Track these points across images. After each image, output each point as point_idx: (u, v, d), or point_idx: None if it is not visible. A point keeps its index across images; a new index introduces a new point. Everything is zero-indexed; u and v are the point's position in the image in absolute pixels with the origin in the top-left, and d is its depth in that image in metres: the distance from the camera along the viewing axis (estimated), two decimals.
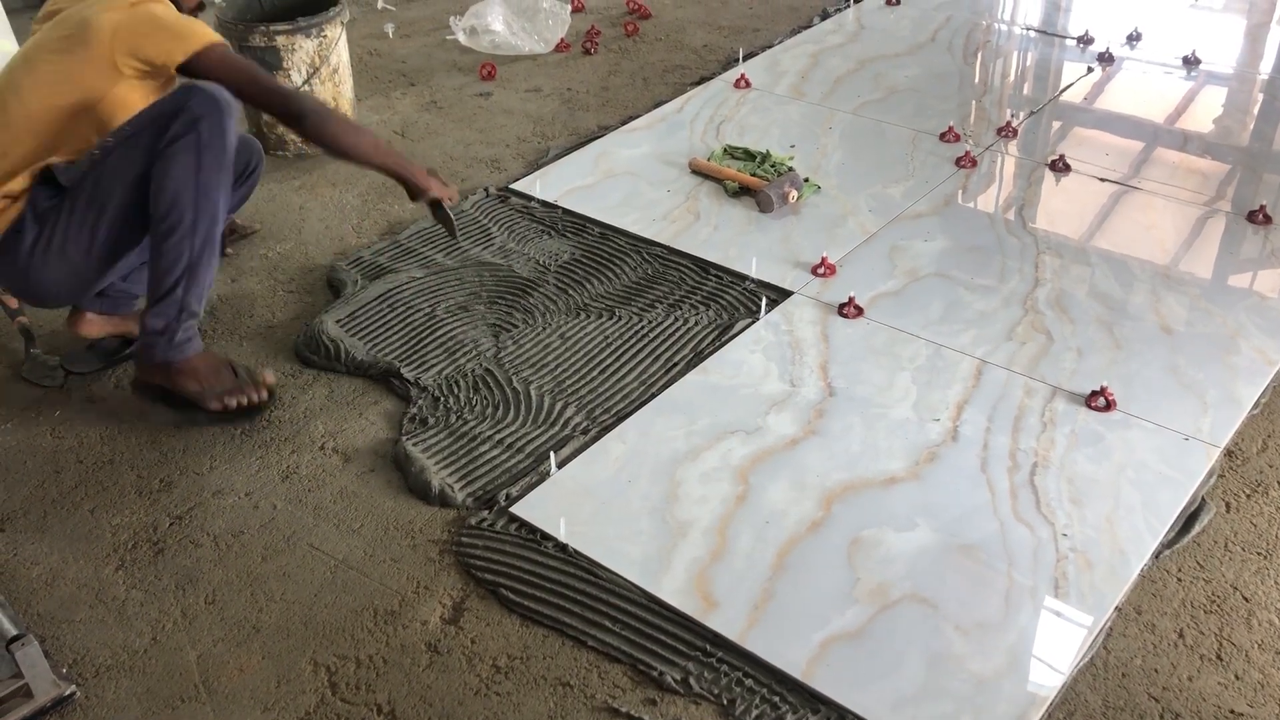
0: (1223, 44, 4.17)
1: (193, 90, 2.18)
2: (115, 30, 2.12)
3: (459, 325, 2.69)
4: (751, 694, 1.81)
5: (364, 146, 2.33)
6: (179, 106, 2.17)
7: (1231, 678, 1.84)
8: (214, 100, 2.17)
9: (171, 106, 2.18)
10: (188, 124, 2.16)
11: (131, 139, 2.17)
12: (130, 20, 2.13)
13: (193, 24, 2.19)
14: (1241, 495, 2.19)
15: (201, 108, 2.16)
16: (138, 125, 2.18)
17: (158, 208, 2.20)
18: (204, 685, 1.87)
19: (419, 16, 4.66)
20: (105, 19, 2.12)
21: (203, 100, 2.17)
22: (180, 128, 2.16)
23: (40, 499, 2.25)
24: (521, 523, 2.13)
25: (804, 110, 3.69)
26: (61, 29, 2.17)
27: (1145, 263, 2.86)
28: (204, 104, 2.17)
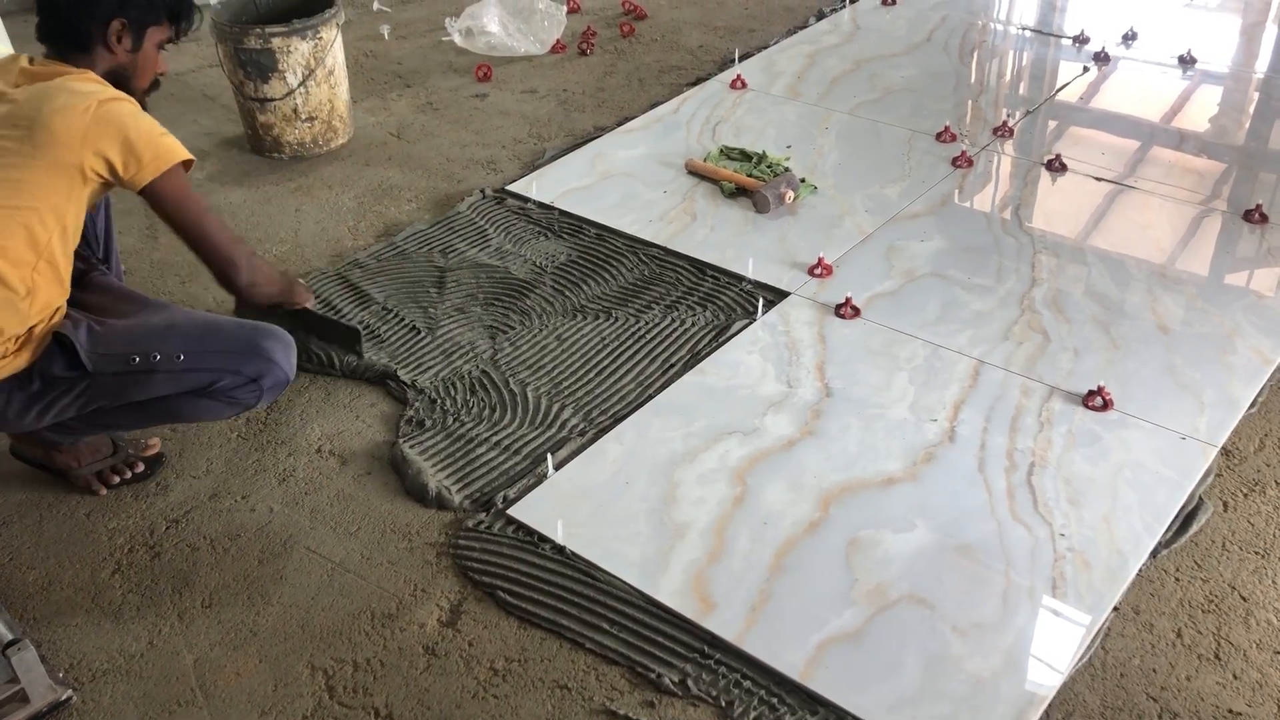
0: (1218, 43, 4.17)
1: (272, 365, 2.05)
2: (85, 133, 1.88)
3: (456, 327, 2.68)
4: (750, 695, 1.80)
5: (280, 287, 2.32)
6: (253, 373, 2.05)
7: (1230, 677, 1.84)
8: (284, 384, 2.10)
9: (243, 366, 2.04)
10: (253, 392, 2.07)
11: (184, 374, 2.02)
12: (99, 124, 1.89)
13: (164, 139, 1.98)
14: (1239, 494, 2.19)
15: (271, 391, 2.09)
16: (196, 362, 2.02)
17: (163, 413, 2.12)
18: (201, 689, 1.87)
19: (414, 18, 4.66)
20: (73, 122, 1.88)
21: (275, 384, 2.08)
22: (244, 394, 2.07)
23: (36, 503, 2.25)
24: (519, 525, 2.13)
25: (800, 111, 3.69)
26: (13, 133, 1.89)
27: (1142, 262, 2.86)
28: (274, 388, 2.09)
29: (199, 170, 3.49)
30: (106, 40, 2.01)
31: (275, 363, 2.07)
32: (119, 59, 2.04)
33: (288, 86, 3.37)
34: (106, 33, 2.00)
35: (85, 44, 2.01)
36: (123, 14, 2.00)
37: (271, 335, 2.09)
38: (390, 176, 3.43)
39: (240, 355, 2.05)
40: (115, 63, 2.04)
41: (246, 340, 2.07)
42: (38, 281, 1.94)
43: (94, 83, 1.97)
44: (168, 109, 3.80)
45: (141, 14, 2.03)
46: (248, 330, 2.09)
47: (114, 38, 2.01)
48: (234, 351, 2.05)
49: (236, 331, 2.09)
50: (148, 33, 2.05)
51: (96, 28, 1.99)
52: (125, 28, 2.02)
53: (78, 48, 2.01)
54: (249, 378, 2.05)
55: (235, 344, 2.06)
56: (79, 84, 1.94)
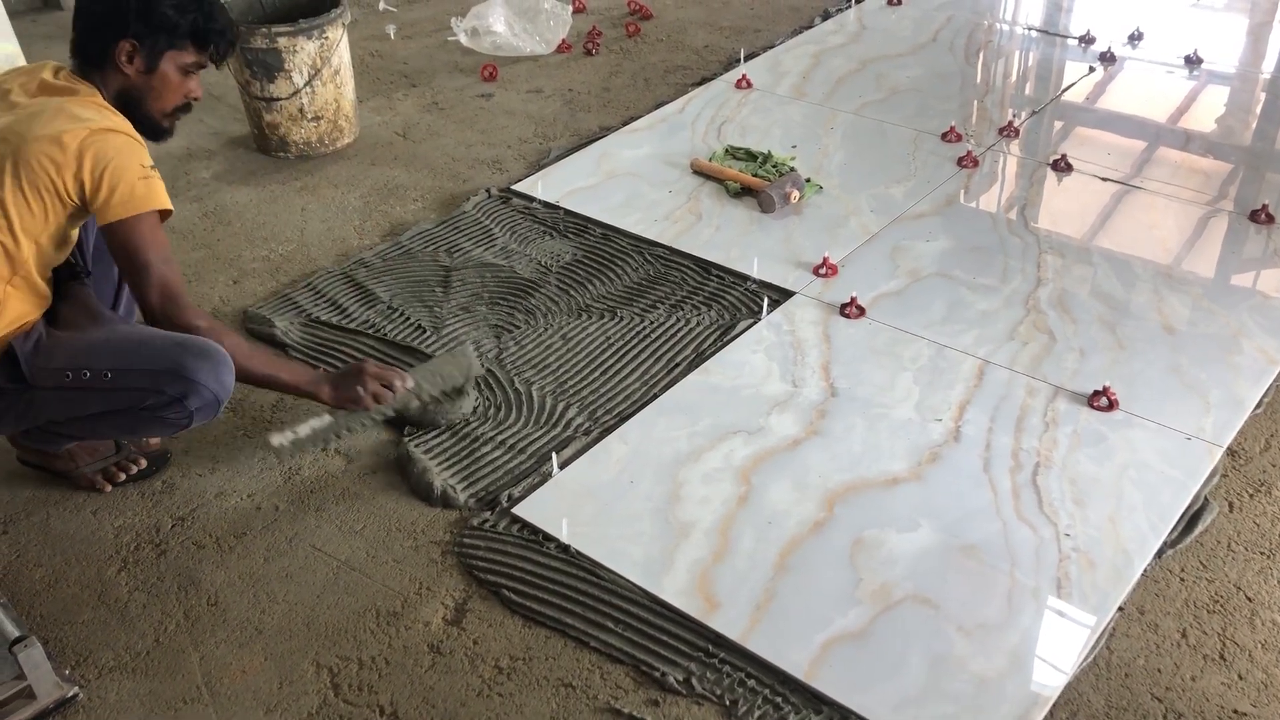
0: (1225, 43, 4.17)
1: (196, 386, 1.95)
2: (67, 161, 1.87)
3: (461, 326, 2.69)
4: (754, 695, 1.81)
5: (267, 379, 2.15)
6: (176, 393, 1.95)
7: (1235, 678, 1.83)
8: (214, 404, 1.99)
9: (167, 385, 1.95)
10: (180, 416, 1.99)
11: (113, 392, 1.97)
12: (83, 153, 1.87)
13: (143, 183, 1.93)
14: (1244, 495, 2.19)
15: (201, 412, 1.99)
16: (123, 380, 1.96)
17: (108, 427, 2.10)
18: (206, 686, 1.87)
19: (420, 18, 4.66)
20: (56, 149, 1.87)
21: (203, 404, 1.98)
22: (171, 414, 1.98)
23: (42, 500, 2.25)
24: (523, 524, 2.13)
25: (805, 110, 3.69)
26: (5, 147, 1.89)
27: (1147, 262, 2.86)
28: (203, 409, 1.99)
29: (205, 170, 3.50)
30: (117, 60, 1.99)
31: (198, 382, 1.95)
32: (131, 79, 2.02)
33: (294, 86, 3.38)
34: (117, 53, 1.98)
35: (100, 62, 2.00)
36: (131, 35, 1.98)
37: (200, 353, 1.97)
38: (396, 176, 3.43)
39: (163, 375, 1.96)
40: (127, 83, 2.02)
41: (172, 358, 1.96)
42: (10, 294, 1.94)
43: (95, 109, 1.95)
44: None
45: (154, 36, 1.99)
46: (176, 348, 1.97)
47: (123, 57, 1.99)
48: (157, 370, 1.96)
49: (165, 349, 1.98)
50: (165, 55, 2.02)
51: (108, 49, 1.98)
52: (136, 49, 1.99)
53: (94, 64, 2.00)
54: (173, 397, 1.96)
55: (160, 360, 1.96)
56: (79, 109, 1.93)
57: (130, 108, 2.03)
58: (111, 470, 2.27)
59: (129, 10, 1.97)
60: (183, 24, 2.01)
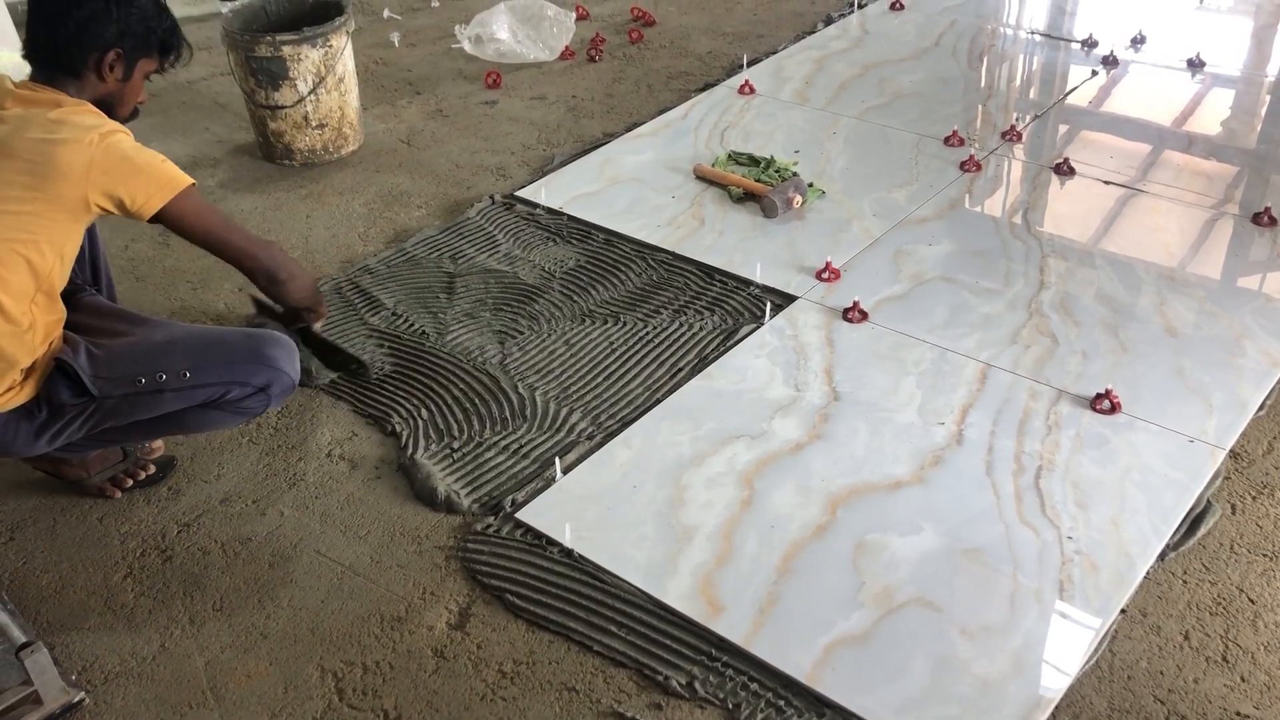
0: (1228, 46, 4.16)
1: (279, 373, 2.07)
2: (89, 168, 1.89)
3: (465, 332, 2.70)
4: (757, 698, 1.81)
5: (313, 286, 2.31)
6: (261, 383, 2.06)
7: (1238, 680, 1.83)
8: (291, 389, 2.11)
9: (250, 377, 2.05)
10: (260, 400, 2.08)
11: (193, 390, 2.03)
12: (104, 158, 1.90)
13: (165, 166, 1.98)
14: (1247, 497, 2.19)
15: (279, 397, 2.10)
16: (203, 377, 2.03)
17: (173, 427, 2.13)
18: (212, 692, 1.88)
19: (424, 25, 4.68)
20: (76, 156, 1.88)
21: (282, 390, 2.09)
22: (252, 403, 2.08)
23: (49, 507, 2.27)
24: (527, 528, 2.14)
25: (808, 116, 3.70)
26: (16, 162, 1.89)
27: (1151, 265, 2.86)
28: (282, 394, 2.10)
29: (211, 178, 3.51)
30: (100, 69, 1.99)
31: (281, 370, 2.07)
32: (108, 87, 2.02)
33: (298, 94, 3.39)
34: (101, 62, 1.98)
35: (77, 70, 1.99)
36: (120, 45, 2.00)
37: (275, 342, 2.09)
38: (400, 183, 3.45)
39: (246, 366, 2.05)
40: (104, 91, 2.02)
41: (251, 350, 2.07)
42: (36, 313, 1.95)
43: (92, 115, 1.96)
44: (180, 117, 3.83)
45: (136, 46, 2.02)
46: (251, 340, 2.09)
47: (107, 67, 2.00)
48: (240, 363, 2.05)
49: (240, 342, 2.08)
50: (139, 64, 2.05)
51: (92, 56, 1.98)
52: (120, 58, 2.00)
53: (68, 73, 1.99)
54: (257, 387, 2.06)
55: (240, 354, 2.06)
56: (78, 117, 1.93)
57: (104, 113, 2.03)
58: (119, 477, 2.28)
59: (116, 21, 1.98)
60: (155, 34, 2.05)
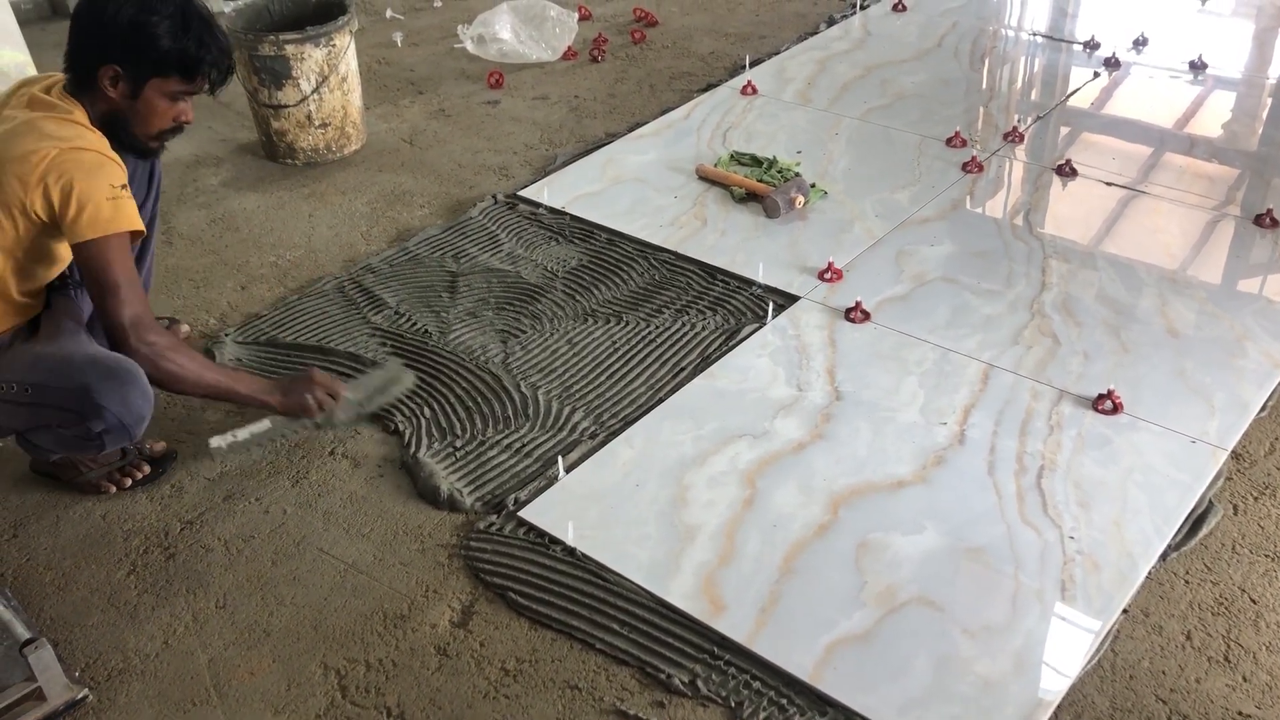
0: (1230, 48, 4.16)
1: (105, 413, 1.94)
2: (36, 178, 1.86)
3: (468, 331, 2.70)
4: (759, 696, 1.81)
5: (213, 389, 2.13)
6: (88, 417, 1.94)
7: (1239, 679, 1.84)
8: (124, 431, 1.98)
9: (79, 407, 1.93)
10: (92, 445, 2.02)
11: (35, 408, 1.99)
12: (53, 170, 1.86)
13: (111, 204, 1.91)
14: (1249, 498, 2.19)
15: (114, 436, 1.99)
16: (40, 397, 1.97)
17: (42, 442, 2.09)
18: (215, 688, 1.88)
19: (427, 25, 4.69)
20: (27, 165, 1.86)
21: (113, 433, 1.97)
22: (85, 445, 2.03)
23: (53, 504, 2.27)
24: (530, 527, 2.14)
25: (811, 116, 3.70)
26: None
27: (1152, 267, 2.86)
28: (114, 436, 1.98)
29: (214, 177, 3.52)
30: (100, 84, 1.98)
31: (103, 407, 1.92)
32: (116, 103, 2.00)
33: (301, 93, 3.40)
34: (100, 78, 1.97)
35: (86, 82, 1.99)
36: (114, 63, 1.96)
37: (107, 373, 1.93)
38: (403, 182, 3.45)
39: (72, 394, 1.93)
40: (112, 106, 2.01)
41: (79, 379, 1.93)
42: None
43: (71, 126, 1.95)
44: None
45: (137, 64, 1.97)
46: (86, 366, 1.95)
47: (106, 82, 1.98)
48: (67, 389, 1.93)
49: (78, 367, 1.95)
50: (149, 83, 1.99)
51: (95, 70, 1.97)
52: (119, 75, 1.98)
53: (81, 84, 2.01)
54: (83, 421, 1.95)
55: (71, 380, 1.93)
56: (54, 126, 1.93)
57: (115, 129, 2.03)
58: (116, 475, 2.28)
59: (114, 36, 1.95)
60: (170, 54, 1.97)
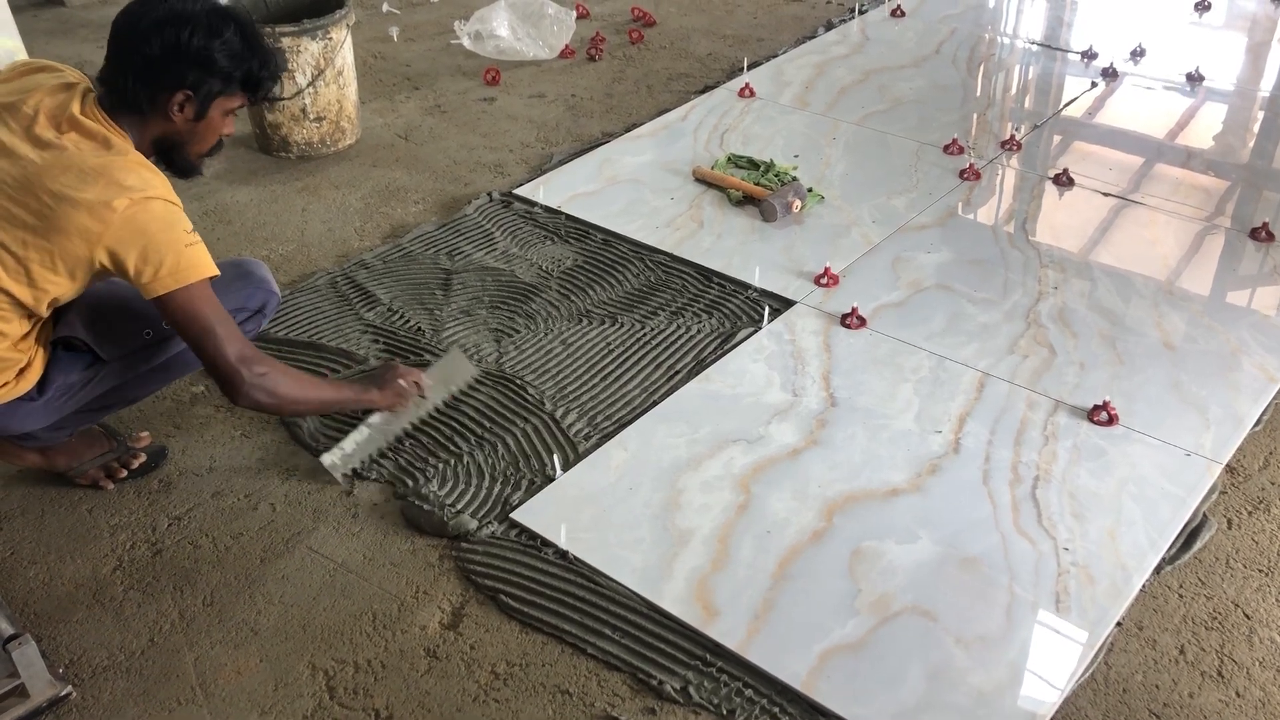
0: (1225, 61, 4.18)
1: (261, 282, 2.18)
2: (103, 235, 1.81)
3: (461, 330, 2.68)
4: (751, 704, 1.80)
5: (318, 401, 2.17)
6: (256, 305, 2.16)
7: (1233, 695, 1.83)
8: (277, 297, 2.22)
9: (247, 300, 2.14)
10: (257, 320, 2.19)
11: None
12: (124, 229, 1.81)
13: (188, 252, 1.88)
14: (1243, 512, 2.19)
15: (271, 306, 2.21)
16: None
17: (178, 369, 2.16)
18: (201, 687, 1.86)
19: (424, 20, 4.66)
20: (94, 222, 1.80)
21: (273, 307, 2.22)
22: (251, 324, 2.16)
23: (38, 498, 2.24)
24: (522, 529, 2.13)
25: (808, 120, 3.70)
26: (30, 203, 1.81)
27: (1147, 278, 2.86)
28: (273, 304, 2.21)
29: (206, 169, 3.47)
30: (167, 110, 1.90)
31: (271, 289, 2.19)
32: (176, 126, 1.93)
33: (296, 86, 3.37)
34: (169, 103, 1.89)
35: (142, 109, 1.89)
36: (189, 87, 1.88)
37: (255, 263, 2.20)
38: (397, 178, 3.43)
39: (241, 291, 2.12)
40: (171, 129, 1.93)
41: (239, 274, 2.14)
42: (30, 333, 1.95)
43: (136, 172, 1.84)
44: None
45: (210, 87, 1.90)
46: (235, 266, 2.16)
47: (175, 108, 1.90)
48: (234, 290, 2.10)
49: (227, 270, 2.07)
50: (215, 102, 1.94)
51: (161, 97, 1.88)
52: (190, 99, 1.90)
53: (135, 109, 1.89)
54: (253, 310, 2.15)
55: (231, 282, 2.10)
56: (120, 173, 1.83)
57: (168, 151, 1.97)
58: (113, 466, 2.26)
59: (188, 61, 1.87)
60: (238, 72, 1.92)
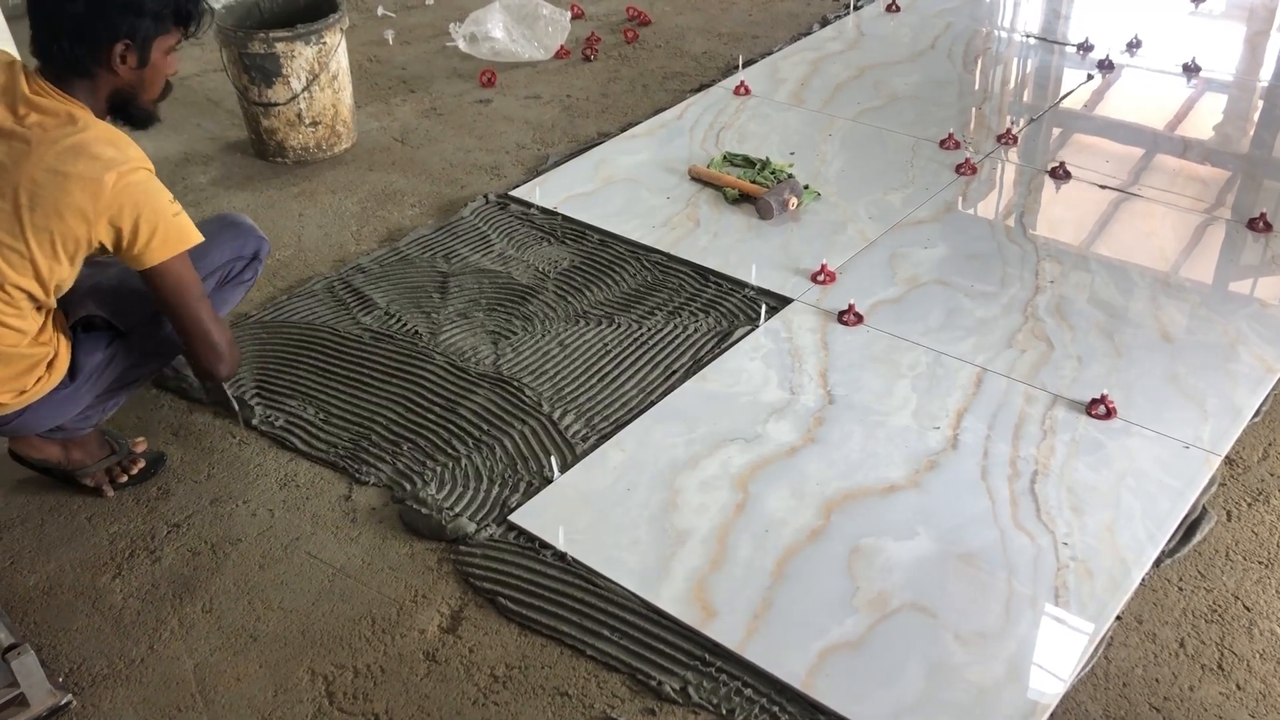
0: (1222, 51, 4.17)
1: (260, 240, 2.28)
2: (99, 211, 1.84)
3: (458, 332, 2.68)
4: (751, 704, 1.80)
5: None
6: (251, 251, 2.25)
7: (1233, 687, 1.83)
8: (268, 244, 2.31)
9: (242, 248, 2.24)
10: (253, 268, 2.27)
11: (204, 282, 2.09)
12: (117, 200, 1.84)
13: (175, 220, 1.92)
14: (1242, 504, 2.18)
15: (265, 251, 2.29)
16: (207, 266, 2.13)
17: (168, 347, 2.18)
18: (201, 694, 1.86)
19: (419, 23, 4.66)
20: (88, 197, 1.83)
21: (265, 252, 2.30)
22: (247, 272, 2.25)
23: (37, 506, 2.25)
24: (520, 531, 2.13)
25: (804, 117, 3.69)
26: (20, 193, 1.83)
27: (1145, 270, 2.86)
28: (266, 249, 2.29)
29: (202, 175, 3.49)
30: (110, 64, 1.88)
31: (260, 235, 2.28)
32: (123, 78, 1.91)
33: (292, 91, 3.37)
34: (110, 56, 1.87)
35: (87, 70, 1.88)
36: (126, 36, 1.87)
37: (237, 216, 2.30)
38: (393, 181, 3.43)
39: (233, 241, 2.22)
40: (119, 83, 1.92)
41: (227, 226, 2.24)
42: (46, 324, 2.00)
43: (110, 144, 1.87)
44: (171, 113, 3.80)
45: (146, 30, 1.88)
46: (221, 220, 2.26)
47: (118, 59, 1.88)
48: (227, 240, 2.21)
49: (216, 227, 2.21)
50: (154, 44, 1.92)
51: (100, 53, 1.86)
52: (129, 47, 1.88)
53: (78, 71, 1.88)
54: (249, 256, 2.24)
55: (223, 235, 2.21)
56: (98, 146, 1.85)
57: (122, 105, 1.97)
58: (115, 470, 2.26)
59: (115, 9, 1.86)
60: (167, 9, 1.90)
